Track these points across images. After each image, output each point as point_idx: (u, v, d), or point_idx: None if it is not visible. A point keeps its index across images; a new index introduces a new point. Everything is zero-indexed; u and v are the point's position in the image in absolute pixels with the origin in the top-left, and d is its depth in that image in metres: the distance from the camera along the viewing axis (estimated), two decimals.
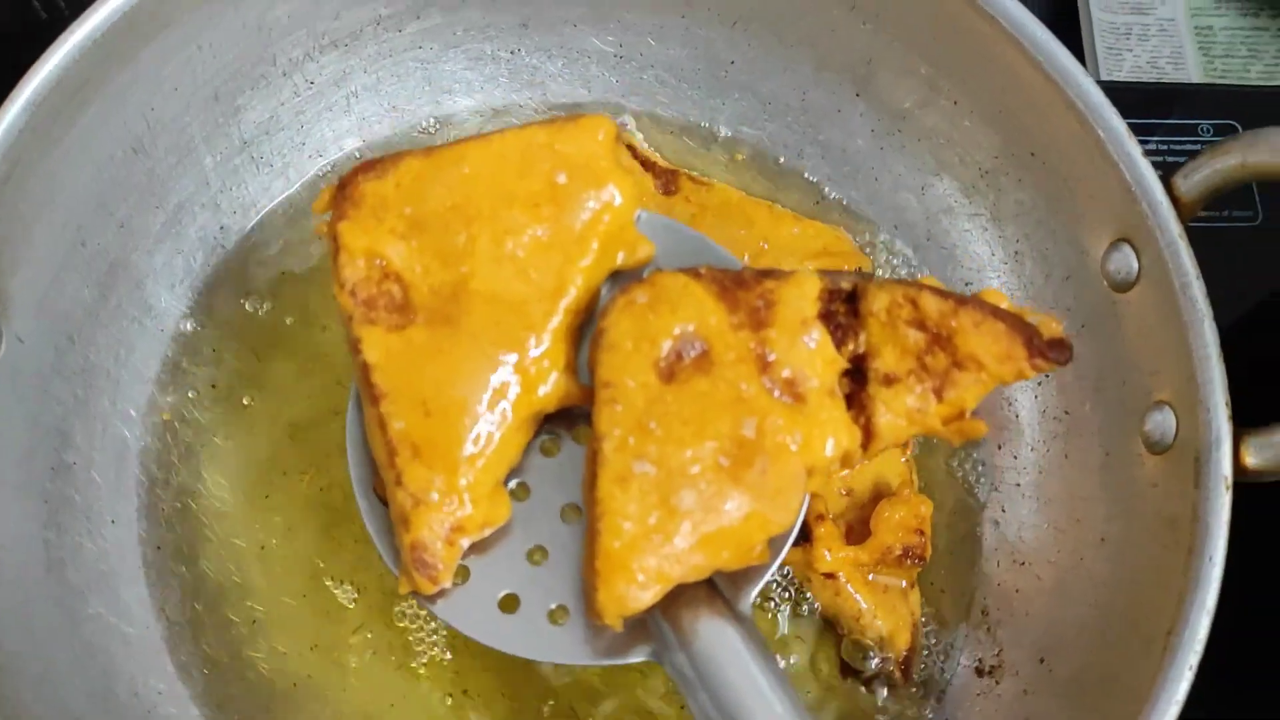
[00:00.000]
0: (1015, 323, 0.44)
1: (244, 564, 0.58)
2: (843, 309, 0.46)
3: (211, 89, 0.60)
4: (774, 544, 0.46)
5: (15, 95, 0.51)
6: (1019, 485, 0.59)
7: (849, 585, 0.55)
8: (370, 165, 0.48)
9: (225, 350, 0.62)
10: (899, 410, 0.45)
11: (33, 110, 0.51)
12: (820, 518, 0.56)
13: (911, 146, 0.63)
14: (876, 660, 0.56)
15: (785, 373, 0.44)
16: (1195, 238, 0.51)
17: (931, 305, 0.45)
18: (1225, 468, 0.47)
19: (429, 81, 0.66)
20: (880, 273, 0.64)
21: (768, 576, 0.46)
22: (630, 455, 0.43)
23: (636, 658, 0.46)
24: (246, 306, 0.62)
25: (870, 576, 0.56)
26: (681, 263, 0.47)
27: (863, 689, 0.57)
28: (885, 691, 0.56)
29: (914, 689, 0.57)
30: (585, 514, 0.45)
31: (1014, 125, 0.58)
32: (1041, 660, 0.54)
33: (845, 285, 0.46)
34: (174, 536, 0.58)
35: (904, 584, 0.57)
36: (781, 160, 0.66)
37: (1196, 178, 0.51)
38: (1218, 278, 0.52)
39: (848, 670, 0.57)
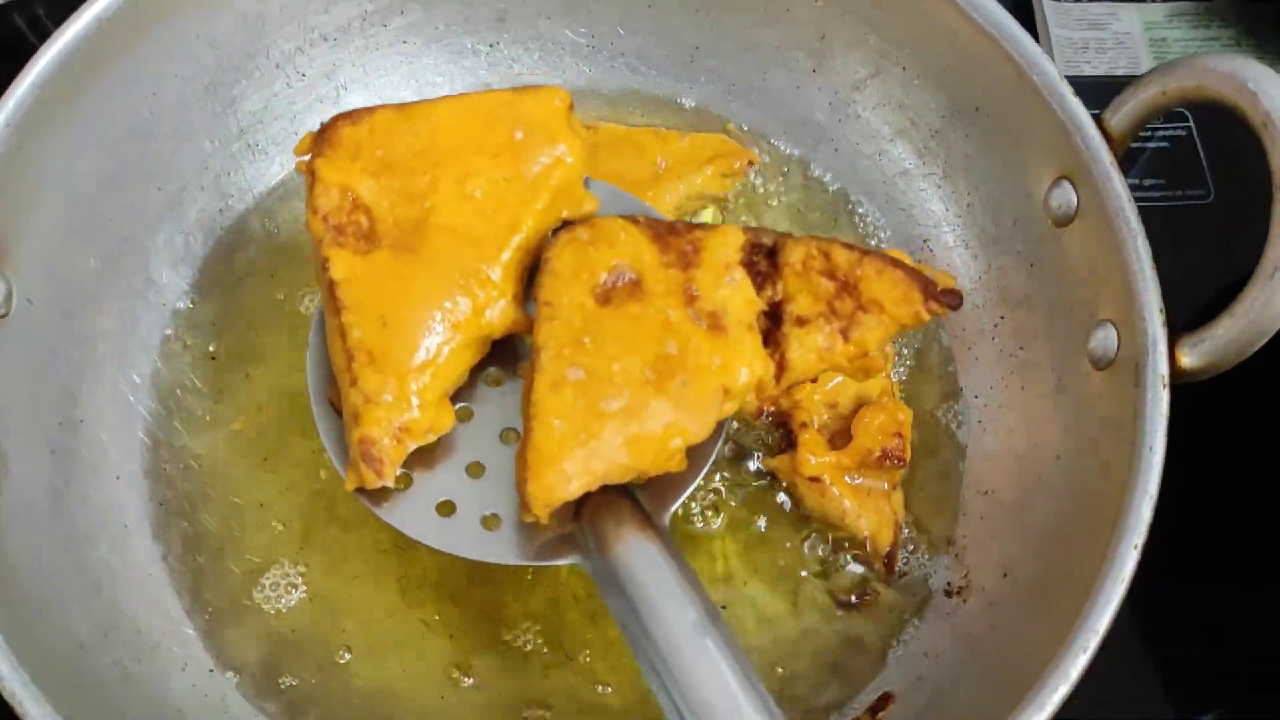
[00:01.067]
0: (912, 272, 0.50)
1: (243, 519, 0.61)
2: (764, 262, 0.51)
3: (209, 79, 0.64)
4: (694, 460, 0.50)
5: (24, 74, 0.56)
6: (981, 421, 0.62)
7: (834, 488, 0.59)
8: (349, 114, 0.53)
9: (224, 323, 0.65)
10: (809, 347, 0.50)
11: (40, 88, 0.56)
12: (804, 425, 0.59)
13: (867, 115, 0.68)
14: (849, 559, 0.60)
15: (708, 306, 0.50)
16: (1149, 217, 0.54)
17: (840, 256, 0.50)
18: (1162, 367, 0.51)
19: (413, 75, 0.70)
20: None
21: (686, 494, 0.51)
22: (565, 364, 0.48)
23: (563, 561, 0.50)
24: (244, 283, 0.66)
25: (854, 480, 0.59)
26: None
27: (841, 610, 0.59)
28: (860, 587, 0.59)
29: (893, 590, 0.60)
30: (522, 420, 0.49)
31: (958, 84, 0.62)
32: (1005, 574, 0.56)
33: (766, 240, 0.52)
34: (176, 494, 0.61)
35: (886, 486, 0.60)
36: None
37: (1123, 110, 0.55)
38: (1173, 256, 0.56)
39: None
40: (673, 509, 0.51)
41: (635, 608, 0.46)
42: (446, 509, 0.52)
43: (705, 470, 0.51)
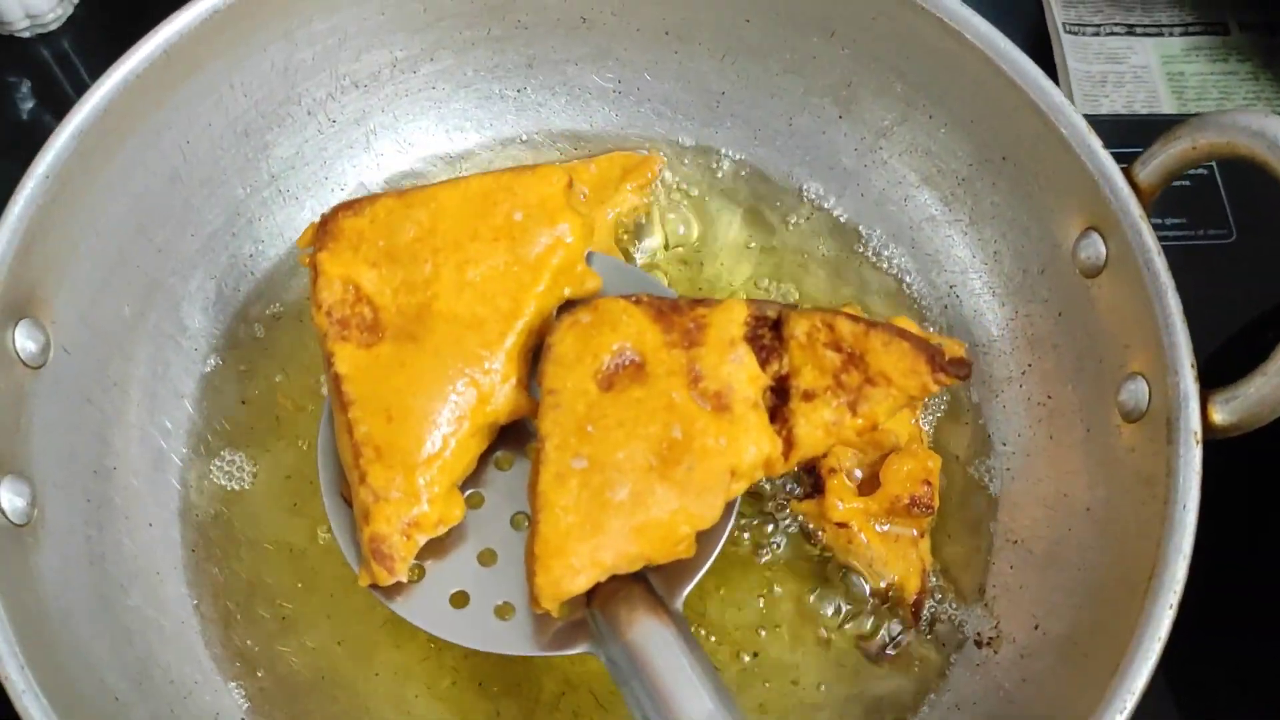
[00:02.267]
0: (919, 343, 0.50)
1: (274, 565, 0.61)
2: (769, 335, 0.51)
3: (242, 126, 0.65)
4: (705, 544, 0.50)
5: (64, 124, 0.56)
6: (1009, 469, 0.62)
7: (861, 534, 0.59)
8: (349, 204, 0.54)
9: (255, 368, 0.65)
10: (817, 423, 0.50)
11: (79, 138, 0.56)
12: (833, 471, 0.60)
13: (893, 161, 0.68)
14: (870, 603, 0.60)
15: (713, 386, 0.49)
16: (1172, 256, 0.54)
17: (846, 328, 0.50)
18: (1194, 423, 0.51)
19: (441, 120, 0.71)
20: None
21: (698, 577, 0.51)
22: (569, 454, 0.48)
23: (576, 650, 0.50)
24: (275, 328, 0.66)
25: (882, 527, 0.59)
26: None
27: (869, 660, 0.59)
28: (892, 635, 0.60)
29: (921, 648, 0.59)
30: (530, 510, 0.49)
31: (985, 132, 0.63)
32: (1036, 626, 0.56)
33: (770, 313, 0.52)
34: (207, 540, 0.61)
35: (914, 533, 0.60)
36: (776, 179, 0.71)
37: (1153, 164, 0.55)
38: (1195, 295, 0.56)
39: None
40: (685, 592, 0.51)
41: (650, 695, 0.46)
42: (460, 600, 0.52)
43: (716, 553, 0.52)
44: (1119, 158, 0.56)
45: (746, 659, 0.59)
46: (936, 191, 0.67)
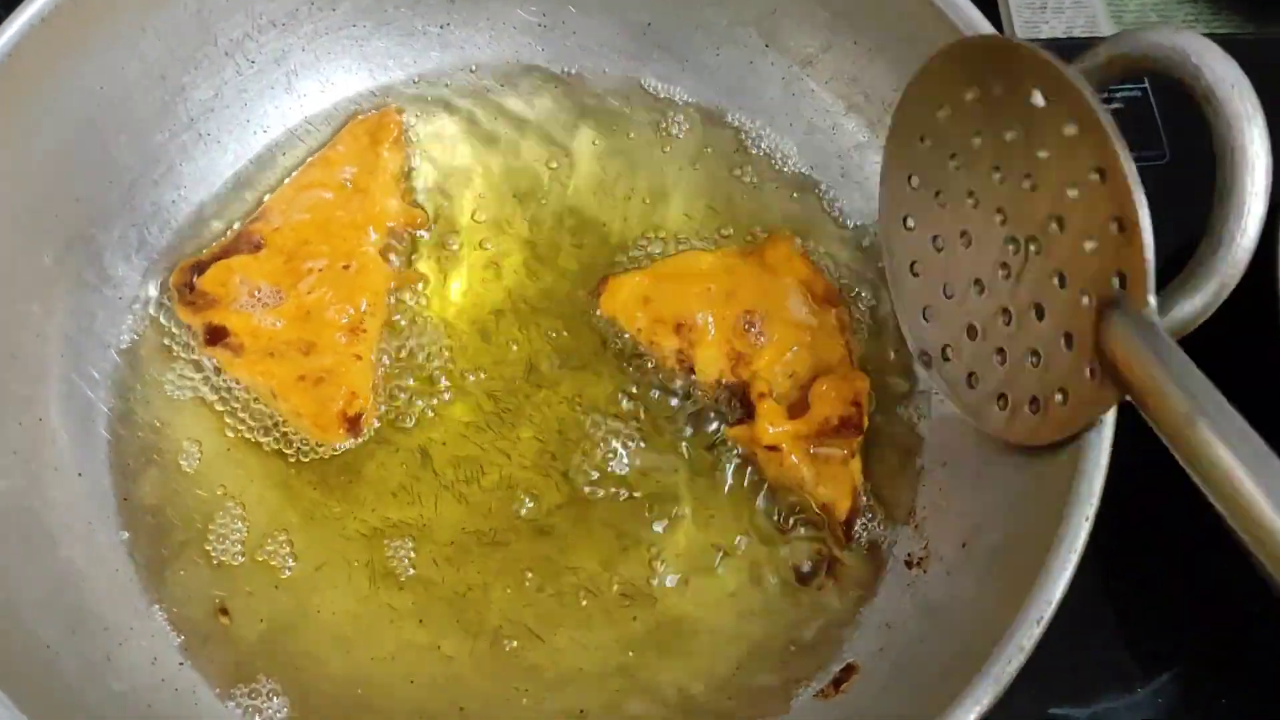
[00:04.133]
0: None
1: (208, 513, 0.61)
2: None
3: (158, 69, 0.63)
4: None
5: None
6: (939, 392, 0.63)
7: (792, 456, 0.60)
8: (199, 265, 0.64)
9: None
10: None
11: None
12: (762, 395, 0.60)
13: (820, 90, 0.68)
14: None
15: None
16: None
17: None
18: None
19: (364, 58, 0.69)
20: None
21: None
22: None
23: None
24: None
25: (812, 448, 0.60)
26: None
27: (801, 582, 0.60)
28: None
29: (855, 550, 0.61)
30: None
31: (907, 55, 0.61)
32: (963, 545, 0.57)
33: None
34: (140, 489, 0.61)
35: (845, 453, 0.60)
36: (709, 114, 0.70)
37: None
38: None
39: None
40: None
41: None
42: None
43: None
44: None
45: (679, 583, 0.60)
46: (863, 118, 0.67)
